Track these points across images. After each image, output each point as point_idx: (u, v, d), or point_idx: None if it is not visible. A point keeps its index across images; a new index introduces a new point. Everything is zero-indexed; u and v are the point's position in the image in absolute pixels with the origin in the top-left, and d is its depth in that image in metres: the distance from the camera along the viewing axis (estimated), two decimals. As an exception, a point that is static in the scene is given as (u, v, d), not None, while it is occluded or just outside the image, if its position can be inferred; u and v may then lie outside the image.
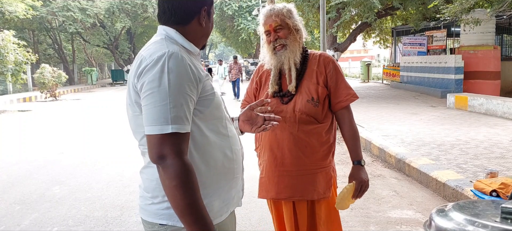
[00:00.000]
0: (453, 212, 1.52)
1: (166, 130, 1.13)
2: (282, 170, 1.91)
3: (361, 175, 1.90)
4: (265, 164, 1.97)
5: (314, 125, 1.89)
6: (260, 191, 2.01)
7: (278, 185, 1.92)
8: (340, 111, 1.94)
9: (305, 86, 1.90)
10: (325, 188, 1.92)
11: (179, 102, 1.15)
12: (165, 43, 1.23)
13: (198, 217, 1.14)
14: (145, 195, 1.28)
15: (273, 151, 1.92)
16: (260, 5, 24.50)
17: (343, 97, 1.92)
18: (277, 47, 1.90)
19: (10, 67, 13.23)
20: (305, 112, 1.87)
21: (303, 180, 1.90)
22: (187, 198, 1.12)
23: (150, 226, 1.28)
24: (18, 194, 4.48)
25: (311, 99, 1.88)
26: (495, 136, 6.18)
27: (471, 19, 9.44)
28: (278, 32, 1.88)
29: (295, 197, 1.92)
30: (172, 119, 1.13)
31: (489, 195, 3.22)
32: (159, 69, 1.15)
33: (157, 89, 1.13)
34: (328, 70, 1.92)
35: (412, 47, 15.20)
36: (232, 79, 14.97)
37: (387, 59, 29.01)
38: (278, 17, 1.87)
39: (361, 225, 3.39)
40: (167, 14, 1.31)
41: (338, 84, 1.92)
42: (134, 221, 3.61)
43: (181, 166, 1.12)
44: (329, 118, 1.95)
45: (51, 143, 7.51)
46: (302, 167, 1.90)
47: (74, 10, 24.62)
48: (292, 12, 1.92)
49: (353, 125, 1.96)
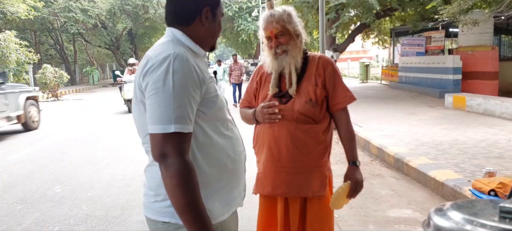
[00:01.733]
0: (452, 211, 1.54)
1: (169, 129, 1.15)
2: (278, 167, 1.95)
3: (356, 175, 1.94)
4: (262, 161, 2.01)
5: (311, 124, 1.93)
6: (256, 187, 2.05)
7: (275, 181, 1.96)
8: (337, 113, 1.98)
9: (304, 88, 1.94)
10: (319, 186, 1.96)
11: (182, 103, 1.17)
12: (171, 45, 1.25)
13: (197, 216, 1.16)
14: (149, 193, 1.31)
15: (270, 148, 1.96)
16: (260, 6, 24.54)
17: (340, 99, 1.96)
18: (279, 53, 1.92)
19: (12, 68, 13.26)
20: (303, 113, 1.91)
21: (299, 178, 1.94)
22: (187, 197, 1.14)
23: (154, 223, 1.30)
24: (19, 194, 4.51)
25: (309, 100, 1.92)
26: (493, 135, 6.22)
27: (469, 19, 9.48)
28: (279, 38, 1.91)
29: (290, 194, 1.96)
30: (175, 118, 1.15)
31: (487, 194, 3.24)
32: (164, 70, 1.17)
33: (162, 90, 1.16)
34: (326, 72, 1.96)
35: (411, 47, 15.25)
36: (236, 81, 12.54)
37: (386, 59, 29.08)
38: (278, 23, 1.89)
39: (359, 224, 3.42)
40: (170, 15, 1.34)
41: (336, 87, 1.96)
42: (135, 220, 3.64)
43: (182, 165, 1.15)
44: (326, 119, 1.99)
45: (53, 142, 7.53)
46: (298, 164, 1.94)
47: (75, 11, 24.62)
48: (292, 16, 1.94)
49: (350, 126, 2.00)
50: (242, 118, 2.16)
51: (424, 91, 12.69)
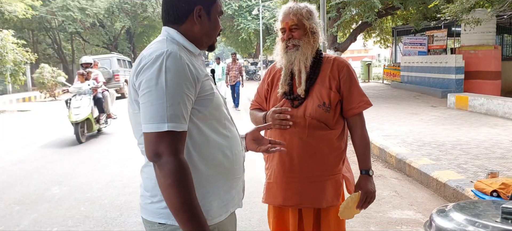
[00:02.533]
0: (454, 212, 1.51)
1: (163, 128, 1.13)
2: (290, 176, 1.86)
3: (368, 185, 1.85)
4: (273, 169, 1.91)
5: (325, 130, 1.83)
6: (267, 197, 1.95)
7: (286, 192, 1.86)
8: (352, 118, 1.89)
9: (316, 91, 1.85)
10: (333, 195, 1.87)
11: (176, 101, 1.15)
12: (165, 43, 1.24)
13: (192, 216, 1.14)
14: (145, 193, 1.29)
15: (281, 156, 1.86)
16: (260, 5, 24.50)
17: (355, 104, 1.86)
18: (289, 46, 1.84)
19: (9, 67, 13.22)
20: (316, 117, 1.82)
21: (312, 187, 1.85)
22: (181, 196, 1.12)
23: (150, 225, 1.28)
24: (17, 194, 4.48)
25: (323, 104, 1.82)
26: (495, 136, 6.17)
27: (472, 19, 9.42)
28: (293, 31, 1.83)
29: (303, 205, 1.87)
30: (169, 117, 1.14)
31: (489, 195, 3.21)
32: (157, 68, 1.16)
33: (155, 88, 1.14)
34: (341, 75, 1.85)
35: (413, 47, 15.18)
36: (231, 82, 11.71)
37: (388, 59, 29.00)
38: (295, 16, 1.81)
39: (361, 225, 3.38)
40: (164, 14, 1.34)
41: (351, 90, 1.86)
42: (133, 221, 3.60)
43: (176, 164, 1.13)
44: (341, 124, 1.89)
45: (51, 143, 7.50)
46: (311, 174, 1.84)
47: (73, 10, 24.59)
48: (312, 14, 1.86)
49: (365, 133, 1.90)
50: (252, 120, 2.07)
51: (426, 91, 12.65)
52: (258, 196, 4.19)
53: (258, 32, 27.46)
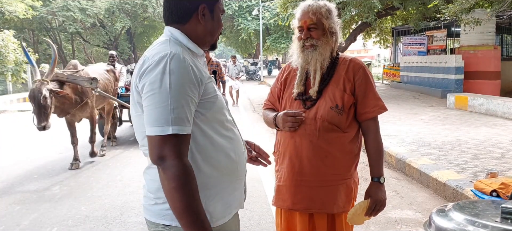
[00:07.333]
0: (453, 212, 1.51)
1: (167, 131, 1.12)
2: (299, 180, 1.80)
3: (378, 193, 1.79)
4: (283, 172, 1.86)
5: (337, 133, 1.77)
6: (276, 200, 1.89)
7: (295, 195, 1.81)
8: (365, 122, 1.83)
9: (330, 92, 1.78)
10: (345, 201, 1.81)
11: (180, 104, 1.14)
12: (168, 45, 1.23)
13: (196, 220, 1.13)
14: (149, 195, 1.29)
15: (291, 159, 1.81)
16: (260, 5, 24.51)
17: (370, 108, 1.80)
18: (307, 46, 1.78)
19: (10, 67, 13.22)
20: (327, 119, 1.75)
21: (323, 192, 1.78)
22: (185, 200, 1.12)
23: (154, 226, 1.28)
24: (17, 194, 4.48)
25: (335, 106, 1.75)
26: (495, 136, 6.18)
27: (471, 19, 9.43)
28: (311, 31, 1.77)
29: (312, 209, 1.81)
30: (173, 120, 1.13)
31: (489, 195, 3.21)
32: (161, 71, 1.15)
33: (158, 91, 1.13)
34: (357, 77, 1.79)
35: (412, 47, 15.18)
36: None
37: (387, 59, 29.02)
38: (315, 15, 1.75)
39: (361, 225, 3.38)
40: (167, 13, 1.32)
41: (366, 94, 1.79)
42: (134, 221, 3.61)
43: (180, 167, 1.12)
44: (354, 128, 1.82)
45: (51, 143, 7.50)
46: (322, 178, 1.78)
47: (74, 10, 24.59)
48: (331, 12, 1.80)
49: (378, 138, 1.84)
50: (264, 120, 2.03)
51: (426, 91, 12.65)
52: (258, 195, 4.21)
53: (258, 33, 27.44)
